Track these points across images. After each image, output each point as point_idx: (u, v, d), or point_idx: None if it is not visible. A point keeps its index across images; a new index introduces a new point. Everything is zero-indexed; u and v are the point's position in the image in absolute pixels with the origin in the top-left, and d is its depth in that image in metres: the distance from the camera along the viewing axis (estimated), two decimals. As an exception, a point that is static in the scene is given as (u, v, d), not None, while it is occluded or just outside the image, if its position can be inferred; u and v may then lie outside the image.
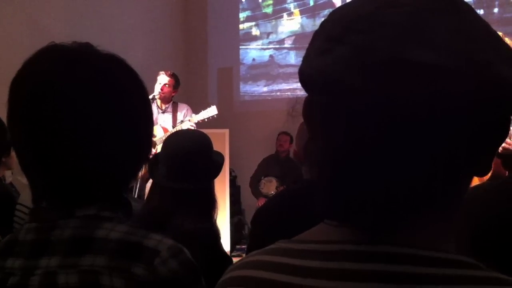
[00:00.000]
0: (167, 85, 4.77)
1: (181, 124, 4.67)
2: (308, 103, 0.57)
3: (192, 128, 4.54)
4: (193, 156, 1.84)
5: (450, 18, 0.50)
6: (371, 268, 0.51)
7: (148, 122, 0.96)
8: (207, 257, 1.25)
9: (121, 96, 0.89)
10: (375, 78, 0.48)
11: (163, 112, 4.83)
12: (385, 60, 0.48)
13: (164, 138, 4.41)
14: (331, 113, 0.53)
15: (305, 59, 0.55)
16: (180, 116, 4.86)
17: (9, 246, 0.88)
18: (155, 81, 4.73)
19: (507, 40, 2.36)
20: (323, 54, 0.52)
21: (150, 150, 1.00)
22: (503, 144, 2.42)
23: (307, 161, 1.79)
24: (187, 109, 4.91)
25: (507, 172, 1.61)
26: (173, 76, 4.82)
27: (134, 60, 0.98)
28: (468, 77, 0.48)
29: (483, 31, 0.52)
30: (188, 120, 4.72)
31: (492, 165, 0.55)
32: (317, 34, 0.55)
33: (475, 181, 0.95)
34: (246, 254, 0.89)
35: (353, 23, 0.51)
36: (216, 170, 1.92)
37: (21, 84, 0.88)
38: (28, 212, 0.94)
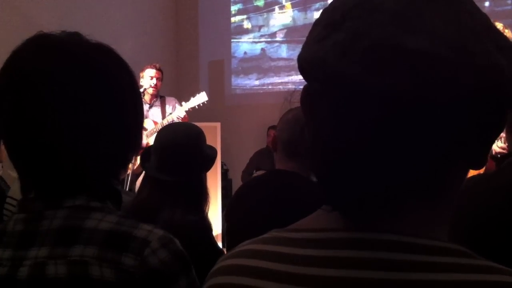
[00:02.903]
0: (158, 79, 4.72)
1: (172, 114, 4.60)
2: (305, 90, 0.56)
3: (183, 115, 4.48)
4: (184, 148, 1.84)
5: (447, 7, 0.50)
6: (367, 255, 0.51)
7: (138, 112, 0.95)
8: (196, 250, 1.25)
9: (110, 85, 0.89)
10: (367, 64, 0.48)
11: (151, 107, 4.72)
12: (377, 45, 0.48)
13: (155, 130, 4.38)
14: (326, 101, 0.52)
15: (304, 46, 0.55)
16: (168, 109, 4.77)
17: None
18: (142, 74, 4.67)
19: (507, 32, 2.33)
20: (320, 41, 0.52)
21: (141, 141, 0.99)
22: (497, 149, 2.40)
23: (283, 151, 1.81)
24: (176, 102, 4.83)
25: None
26: (160, 69, 4.75)
27: (124, 52, 0.97)
28: (463, 66, 0.47)
29: (480, 22, 0.51)
30: (179, 106, 4.62)
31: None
32: (317, 21, 0.55)
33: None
34: (226, 244, 0.88)
35: (351, 10, 0.51)
36: (207, 163, 1.92)
37: (8, 73, 0.87)
38: (16, 204, 0.93)
